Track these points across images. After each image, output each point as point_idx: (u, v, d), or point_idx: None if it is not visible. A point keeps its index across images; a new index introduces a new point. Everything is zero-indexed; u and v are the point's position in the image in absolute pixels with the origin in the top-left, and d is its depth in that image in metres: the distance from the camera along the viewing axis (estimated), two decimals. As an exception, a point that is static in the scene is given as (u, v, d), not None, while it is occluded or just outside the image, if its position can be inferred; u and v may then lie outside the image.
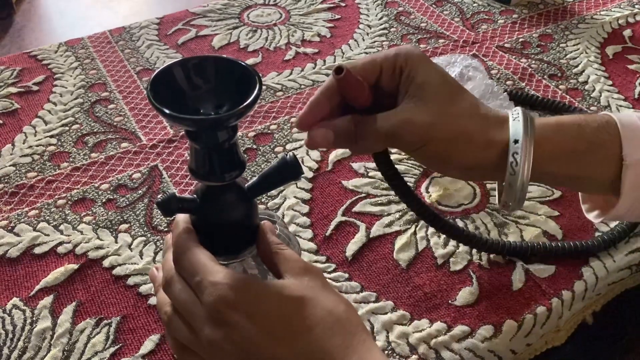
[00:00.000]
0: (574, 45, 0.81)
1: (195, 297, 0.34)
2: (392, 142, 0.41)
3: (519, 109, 0.41)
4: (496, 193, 0.45)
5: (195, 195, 0.38)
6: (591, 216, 0.47)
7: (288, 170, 0.38)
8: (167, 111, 0.32)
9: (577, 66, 0.77)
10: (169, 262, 0.37)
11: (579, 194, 0.49)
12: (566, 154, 0.41)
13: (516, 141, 0.39)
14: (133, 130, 0.67)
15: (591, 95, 0.72)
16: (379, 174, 0.61)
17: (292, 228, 0.56)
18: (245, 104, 0.33)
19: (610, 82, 0.74)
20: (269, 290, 0.34)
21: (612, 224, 0.56)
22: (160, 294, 0.38)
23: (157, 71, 0.35)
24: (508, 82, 0.74)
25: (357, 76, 0.39)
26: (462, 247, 0.54)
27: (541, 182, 0.48)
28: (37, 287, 0.51)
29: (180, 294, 0.35)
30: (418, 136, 0.39)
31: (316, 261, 0.53)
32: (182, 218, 0.39)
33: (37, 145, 0.65)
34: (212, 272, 0.34)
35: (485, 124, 0.40)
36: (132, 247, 0.54)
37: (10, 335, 0.47)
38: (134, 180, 0.61)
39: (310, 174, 0.61)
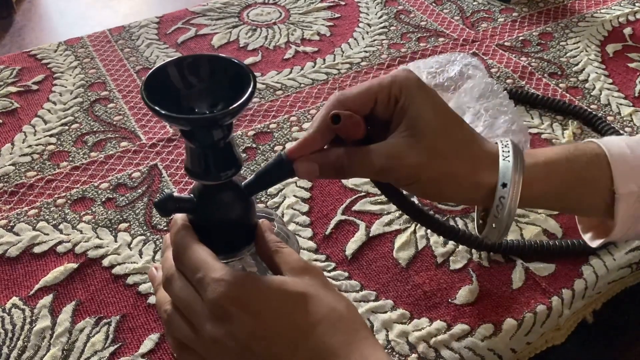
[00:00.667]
0: (574, 43, 0.81)
1: (196, 294, 0.34)
2: (381, 177, 0.41)
3: (510, 145, 0.40)
4: (475, 220, 0.45)
5: (192, 195, 0.38)
6: (587, 238, 0.47)
7: (284, 168, 0.38)
8: (160, 110, 0.32)
9: (577, 64, 0.77)
10: (169, 260, 0.37)
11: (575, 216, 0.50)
12: (556, 191, 0.42)
13: (504, 185, 0.39)
14: (132, 129, 0.67)
15: (591, 94, 0.72)
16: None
17: (291, 227, 0.56)
18: (239, 102, 0.33)
19: (610, 81, 0.74)
20: (271, 286, 0.34)
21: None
22: (160, 292, 0.38)
23: (151, 70, 0.34)
24: (508, 81, 0.74)
25: (352, 114, 0.38)
26: (462, 246, 0.54)
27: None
28: (37, 287, 0.51)
29: (181, 292, 0.35)
30: (406, 174, 0.39)
31: (316, 260, 0.53)
32: (180, 216, 0.39)
33: (36, 145, 0.65)
34: (214, 269, 0.34)
35: (475, 164, 0.40)
36: (131, 246, 0.54)
37: (9, 335, 0.47)
38: (134, 180, 0.61)
39: (309, 173, 0.61)
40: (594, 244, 0.46)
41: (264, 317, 0.33)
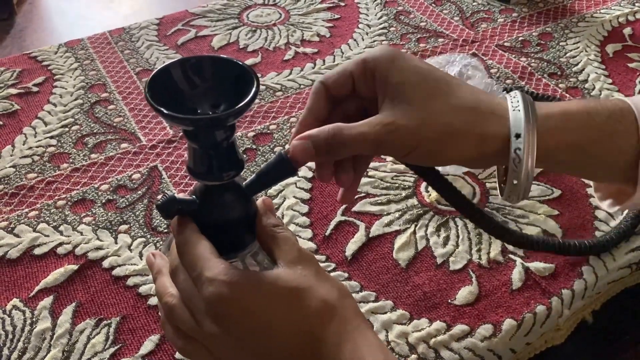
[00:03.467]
0: (573, 43, 0.81)
1: (195, 289, 0.35)
2: (380, 149, 0.39)
3: (518, 95, 0.38)
4: (497, 182, 0.42)
5: (194, 196, 0.38)
6: (605, 205, 0.45)
7: (284, 166, 0.38)
8: (164, 111, 0.32)
9: (577, 65, 0.77)
10: (175, 251, 0.38)
11: (592, 182, 0.48)
12: (574, 145, 0.39)
13: (518, 135, 0.37)
14: (133, 130, 0.67)
15: (591, 94, 0.72)
16: (378, 174, 0.61)
17: (291, 228, 0.56)
18: (243, 103, 0.33)
19: (610, 81, 0.74)
20: (263, 283, 0.35)
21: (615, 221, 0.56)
22: (159, 281, 0.38)
23: (155, 71, 0.35)
24: (508, 81, 0.74)
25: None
26: (462, 247, 0.54)
27: (546, 170, 0.45)
28: (37, 288, 0.51)
29: (184, 284, 0.36)
30: (406, 141, 0.37)
31: (315, 261, 0.53)
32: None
33: (37, 147, 0.65)
34: (209, 267, 0.35)
35: (477, 117, 0.37)
36: (131, 247, 0.54)
37: (10, 336, 0.48)
38: (134, 181, 0.61)
39: (309, 174, 0.61)
40: (614, 209, 0.44)
41: (258, 315, 0.34)
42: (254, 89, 0.34)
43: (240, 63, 0.35)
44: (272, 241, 0.38)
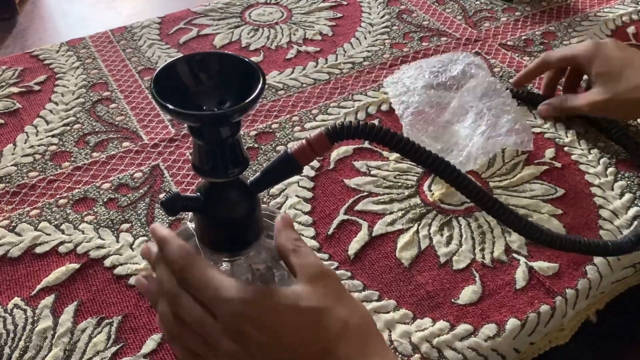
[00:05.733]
0: (577, 42, 0.81)
1: (205, 314, 0.34)
2: (592, 111, 0.63)
3: None
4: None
5: (198, 193, 0.38)
6: None
7: (290, 164, 0.38)
8: (170, 107, 0.32)
9: (580, 63, 0.76)
10: (166, 274, 0.37)
11: None
12: None
13: None
14: (134, 129, 0.67)
15: (595, 93, 0.72)
16: (381, 172, 0.61)
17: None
18: (249, 99, 0.33)
19: (613, 80, 0.74)
20: (284, 301, 0.34)
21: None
22: (161, 306, 0.38)
23: (160, 67, 0.34)
24: (511, 80, 0.74)
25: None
26: (465, 246, 0.54)
27: None
28: (39, 287, 0.51)
29: (192, 311, 0.35)
30: (605, 110, 0.62)
31: (318, 260, 0.53)
32: (167, 232, 0.38)
33: (38, 145, 0.65)
34: (224, 287, 0.34)
35: None
36: (133, 246, 0.54)
37: (11, 335, 0.47)
38: (136, 180, 0.61)
39: (312, 173, 0.61)
40: None
41: (279, 334, 0.33)
42: (259, 86, 0.34)
43: (246, 60, 0.35)
44: (293, 255, 0.37)
